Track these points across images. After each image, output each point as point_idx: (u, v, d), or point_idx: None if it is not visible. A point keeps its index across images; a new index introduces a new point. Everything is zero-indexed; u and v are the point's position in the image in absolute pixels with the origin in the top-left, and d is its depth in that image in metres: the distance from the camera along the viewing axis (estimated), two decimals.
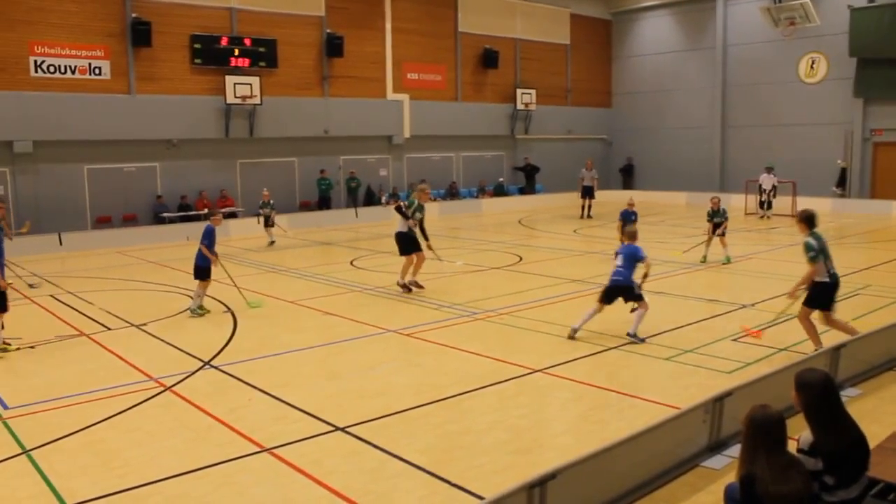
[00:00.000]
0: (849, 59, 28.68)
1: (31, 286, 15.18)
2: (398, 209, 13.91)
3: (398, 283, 13.92)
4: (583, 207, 27.82)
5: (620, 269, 10.16)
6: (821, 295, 9.12)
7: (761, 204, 26.45)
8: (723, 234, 16.70)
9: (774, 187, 26.32)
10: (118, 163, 23.45)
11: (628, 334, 10.06)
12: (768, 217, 25.46)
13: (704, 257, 16.65)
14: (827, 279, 9.08)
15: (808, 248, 8.96)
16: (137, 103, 23.31)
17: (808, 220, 9.17)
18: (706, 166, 33.51)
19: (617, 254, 10.45)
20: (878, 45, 27.56)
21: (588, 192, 27.81)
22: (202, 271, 12.33)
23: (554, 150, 35.24)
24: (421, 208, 13.86)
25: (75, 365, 9.76)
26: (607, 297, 10.28)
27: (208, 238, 12.34)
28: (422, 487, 6.02)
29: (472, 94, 32.31)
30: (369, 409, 7.73)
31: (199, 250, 12.29)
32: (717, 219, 16.75)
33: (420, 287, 13.90)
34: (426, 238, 14.00)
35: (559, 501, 5.02)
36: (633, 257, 10.17)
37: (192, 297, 12.60)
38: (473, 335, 10.80)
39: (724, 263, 16.35)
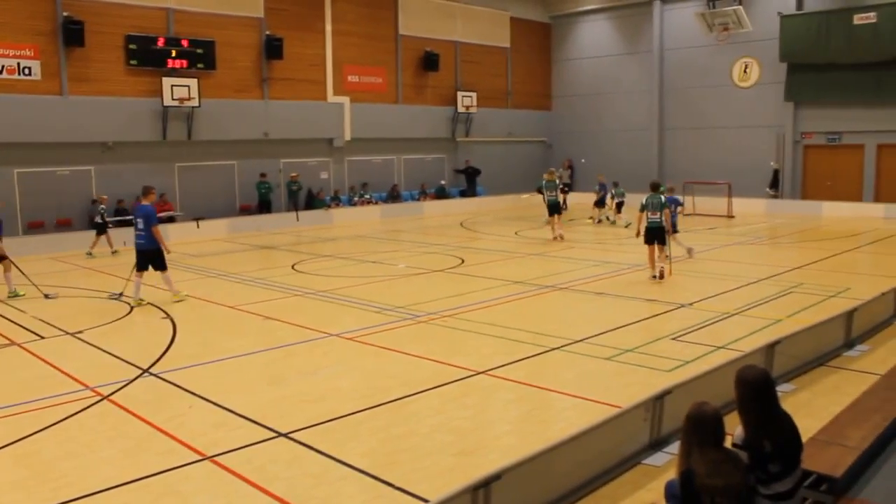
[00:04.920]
0: (779, 63, 29.52)
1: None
2: None
3: None
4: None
5: None
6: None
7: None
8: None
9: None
10: (51, 166, 22.77)
11: None
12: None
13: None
14: (646, 223, 14.67)
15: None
16: (70, 105, 22.68)
17: (651, 186, 15.00)
18: (644, 167, 33.99)
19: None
20: (807, 51, 28.44)
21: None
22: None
23: (495, 152, 35.41)
24: None
25: (7, 375, 9.47)
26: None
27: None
28: (366, 491, 6.00)
29: (412, 96, 32.29)
30: (312, 413, 7.67)
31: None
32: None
33: None
34: None
35: (504, 502, 5.06)
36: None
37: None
38: (416, 338, 10.81)
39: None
